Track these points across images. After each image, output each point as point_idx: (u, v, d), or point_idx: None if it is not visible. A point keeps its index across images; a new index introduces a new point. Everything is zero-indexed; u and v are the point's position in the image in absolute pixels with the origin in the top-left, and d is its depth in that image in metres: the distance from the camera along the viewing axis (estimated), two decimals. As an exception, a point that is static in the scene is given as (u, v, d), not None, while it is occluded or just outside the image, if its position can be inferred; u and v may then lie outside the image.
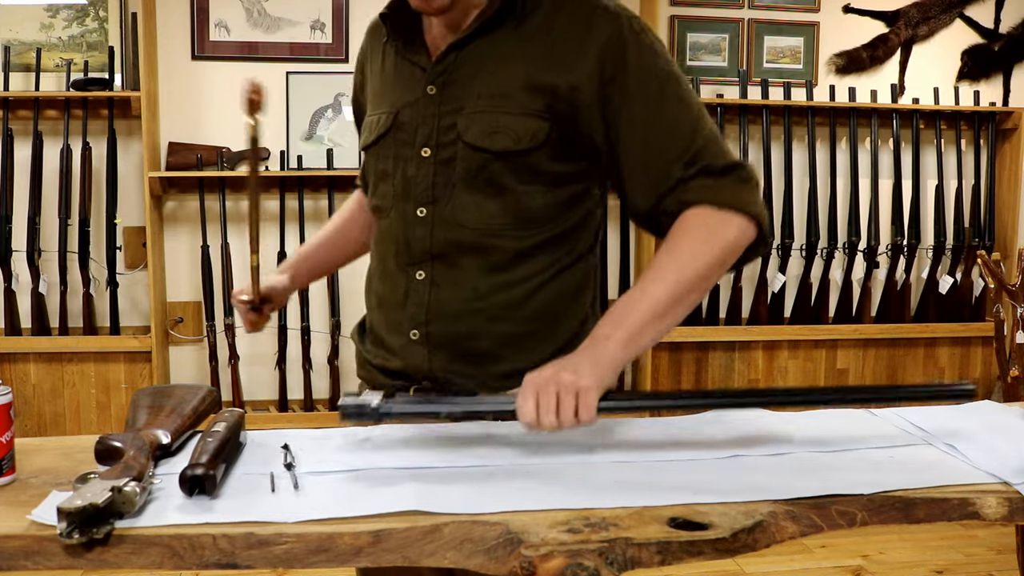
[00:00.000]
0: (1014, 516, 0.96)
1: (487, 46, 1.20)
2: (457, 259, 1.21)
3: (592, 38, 1.16)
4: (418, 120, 1.22)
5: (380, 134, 1.26)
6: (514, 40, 1.19)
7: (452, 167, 1.20)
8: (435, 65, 1.22)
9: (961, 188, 3.56)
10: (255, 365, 3.30)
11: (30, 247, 3.05)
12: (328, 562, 0.84)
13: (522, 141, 1.17)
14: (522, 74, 1.17)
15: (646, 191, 1.18)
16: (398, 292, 1.25)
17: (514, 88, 1.18)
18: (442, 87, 1.21)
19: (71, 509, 0.80)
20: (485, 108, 1.18)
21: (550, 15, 1.19)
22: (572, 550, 0.82)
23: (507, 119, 1.17)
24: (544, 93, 1.17)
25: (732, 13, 3.45)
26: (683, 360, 3.48)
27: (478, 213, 1.19)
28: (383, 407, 1.01)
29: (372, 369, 1.31)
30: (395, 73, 1.28)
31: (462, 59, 1.21)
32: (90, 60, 3.13)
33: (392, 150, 1.25)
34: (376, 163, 1.28)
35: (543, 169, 1.19)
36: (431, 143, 1.21)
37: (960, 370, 3.66)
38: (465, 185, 1.20)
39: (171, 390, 1.19)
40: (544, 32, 1.18)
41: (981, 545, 2.98)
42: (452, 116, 1.20)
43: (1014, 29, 3.63)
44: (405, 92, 1.24)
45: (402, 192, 1.24)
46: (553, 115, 1.17)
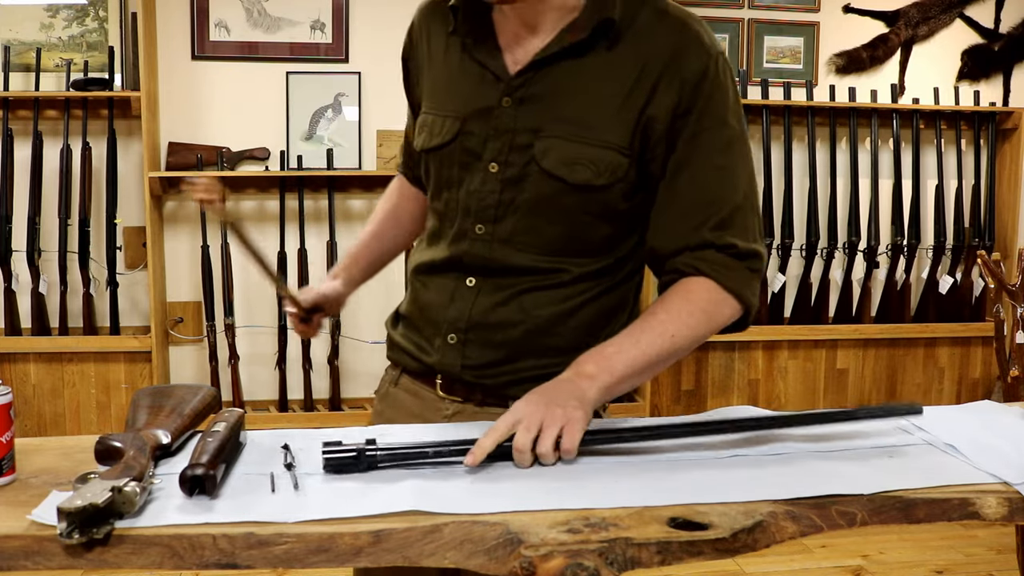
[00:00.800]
0: (1014, 516, 0.96)
1: (574, 67, 1.13)
2: (509, 277, 1.19)
3: (679, 68, 1.12)
4: (489, 132, 1.16)
5: (445, 141, 1.19)
6: (603, 64, 1.13)
7: (521, 188, 1.16)
8: (514, 78, 1.15)
9: (961, 188, 3.56)
10: (255, 365, 3.30)
11: (30, 247, 3.05)
12: (328, 562, 0.83)
13: (602, 176, 1.13)
14: (609, 103, 1.12)
15: (673, 237, 1.16)
16: (444, 293, 1.23)
17: (600, 118, 1.12)
18: (519, 102, 1.14)
19: (71, 509, 0.80)
20: (567, 135, 1.13)
21: (640, 39, 1.13)
22: (572, 550, 0.82)
23: (590, 151, 1.12)
24: (629, 126, 1.12)
25: (732, 13, 3.45)
26: (683, 360, 3.48)
27: (538, 238, 1.17)
28: (370, 458, 0.99)
29: (402, 354, 1.31)
30: (462, 72, 1.20)
31: (544, 75, 1.14)
32: (90, 60, 3.13)
33: (457, 158, 1.19)
34: (439, 168, 1.22)
35: (613, 206, 1.16)
36: (500, 159, 1.15)
37: (960, 370, 3.66)
38: (530, 209, 1.16)
39: (171, 390, 1.18)
40: (634, 57, 1.12)
41: (981, 545, 2.98)
42: (528, 136, 1.14)
43: (1014, 29, 3.63)
44: (475, 98, 1.17)
45: (464, 206, 1.19)
46: (633, 151, 1.13)
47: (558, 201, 1.15)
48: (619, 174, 1.13)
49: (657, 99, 1.12)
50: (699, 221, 1.15)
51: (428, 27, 1.26)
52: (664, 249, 1.17)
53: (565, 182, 1.13)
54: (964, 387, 3.68)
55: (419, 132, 1.25)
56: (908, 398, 3.63)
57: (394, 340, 1.34)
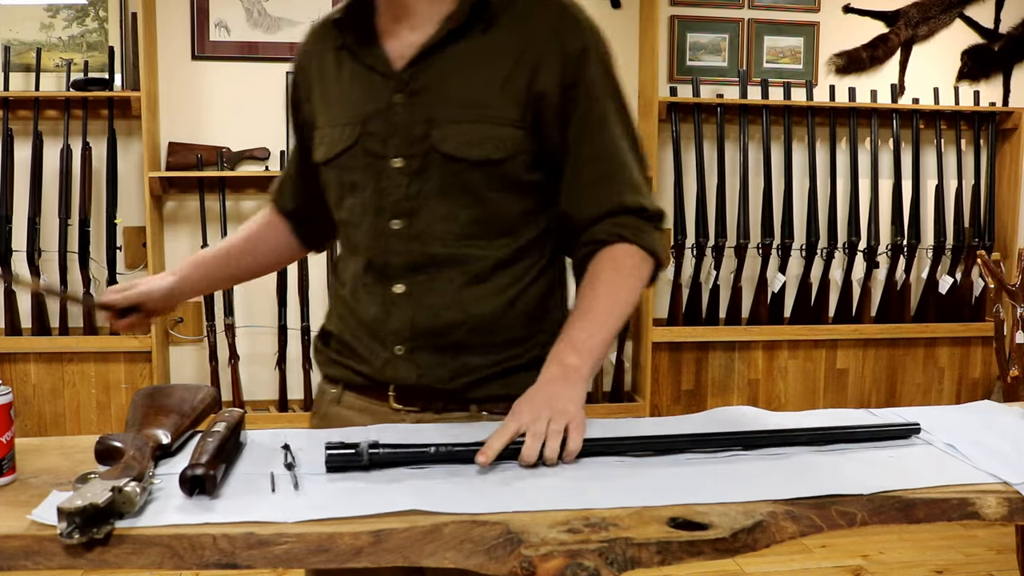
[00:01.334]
0: (1014, 516, 0.96)
1: (455, 53, 1.18)
2: (436, 271, 1.20)
3: (561, 45, 1.17)
4: (387, 130, 1.19)
5: (346, 146, 1.22)
6: (483, 46, 1.18)
7: (427, 178, 1.18)
8: (401, 73, 1.18)
9: (961, 188, 3.56)
10: (255, 365, 3.30)
11: (30, 247, 3.05)
12: (328, 562, 0.83)
13: (500, 150, 1.17)
14: (497, 81, 1.17)
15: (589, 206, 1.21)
16: (375, 307, 1.23)
17: (491, 96, 1.17)
18: (410, 95, 1.18)
19: (71, 509, 0.80)
20: (461, 118, 1.16)
21: (519, 20, 1.18)
22: (572, 550, 0.82)
23: (487, 128, 1.16)
24: (519, 101, 1.17)
25: (732, 13, 3.45)
26: (683, 360, 3.48)
27: (454, 223, 1.19)
28: (372, 456, 0.99)
29: (343, 370, 1.29)
30: (354, 81, 1.23)
31: (430, 66, 1.18)
32: (90, 60, 3.13)
33: (360, 161, 1.21)
34: (341, 176, 1.24)
35: (519, 178, 1.19)
36: (403, 153, 1.18)
37: (960, 370, 3.66)
38: (440, 195, 1.18)
39: (171, 390, 1.19)
40: (514, 37, 1.18)
41: (981, 545, 2.98)
42: (424, 126, 1.17)
43: (1014, 29, 3.63)
44: (369, 101, 1.20)
45: (374, 205, 1.21)
46: (527, 124, 1.18)
47: (464, 182, 1.17)
48: (517, 146, 1.17)
49: (542, 76, 1.17)
50: (610, 188, 1.21)
51: (316, 50, 1.30)
52: (582, 218, 1.22)
53: (467, 161, 1.16)
54: (964, 387, 3.68)
55: (318, 147, 1.27)
56: (908, 398, 3.63)
57: (329, 357, 1.32)
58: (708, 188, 3.35)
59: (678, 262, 3.37)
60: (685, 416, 1.25)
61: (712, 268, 3.38)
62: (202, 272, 1.39)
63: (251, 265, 1.43)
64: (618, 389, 3.40)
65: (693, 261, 3.37)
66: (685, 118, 3.38)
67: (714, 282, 3.39)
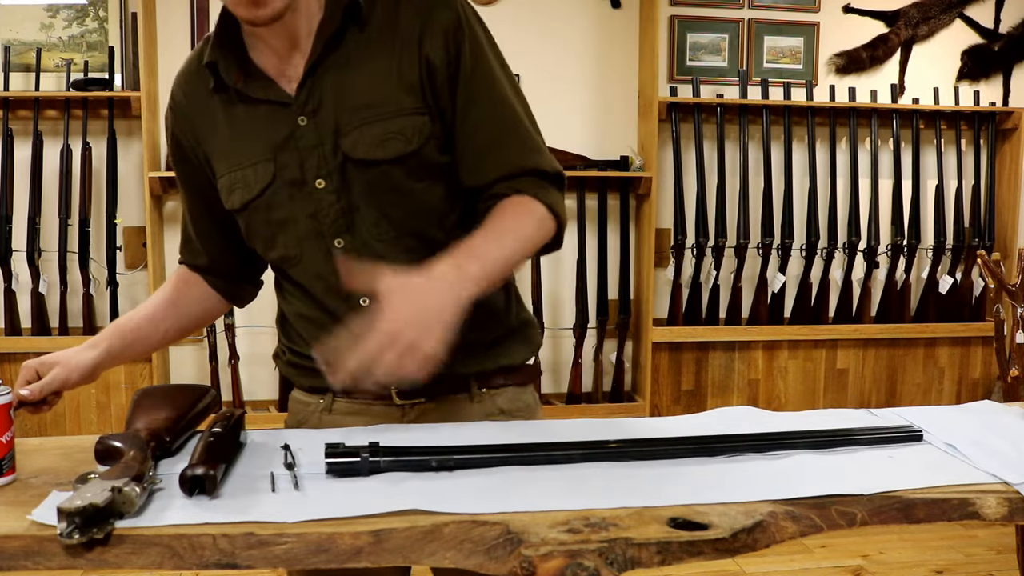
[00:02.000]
0: (1014, 516, 0.96)
1: (341, 59, 1.16)
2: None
3: (435, 22, 1.16)
4: (300, 155, 1.17)
5: (265, 184, 1.18)
6: (364, 44, 1.17)
7: (350, 189, 1.17)
8: (297, 96, 1.16)
9: (961, 188, 3.56)
10: (255, 365, 3.30)
11: (30, 247, 3.05)
12: (328, 562, 0.83)
13: (412, 141, 1.16)
14: (388, 74, 1.16)
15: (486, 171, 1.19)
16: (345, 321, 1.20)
17: (387, 90, 1.16)
18: (312, 114, 1.16)
19: (71, 509, 0.80)
20: (364, 120, 1.15)
21: (389, 11, 1.17)
22: (572, 550, 0.82)
23: (392, 123, 1.15)
24: (414, 87, 1.16)
25: (732, 13, 3.45)
26: (683, 360, 3.48)
27: (391, 226, 1.18)
28: (372, 464, 0.98)
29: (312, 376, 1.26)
30: (249, 118, 1.19)
31: (320, 79, 1.16)
32: (90, 60, 3.13)
33: (284, 194, 1.18)
34: (268, 215, 1.20)
35: (434, 162, 1.18)
36: (322, 173, 1.17)
37: (960, 370, 3.66)
38: (369, 202, 1.17)
39: (171, 390, 1.19)
40: (389, 28, 1.17)
41: (981, 545, 2.98)
42: (332, 139, 1.16)
43: (1014, 29, 3.63)
44: (272, 133, 1.18)
45: (310, 232, 1.19)
46: (428, 107, 1.17)
47: (386, 182, 1.16)
48: (426, 132, 1.16)
49: (426, 54, 1.16)
50: (507, 151, 1.19)
51: (191, 99, 1.25)
52: (482, 183, 1.20)
53: (383, 162, 1.15)
54: (964, 387, 3.68)
55: (228, 195, 1.22)
56: (908, 398, 3.63)
57: (307, 370, 1.27)
58: (708, 188, 3.34)
59: (678, 262, 3.37)
60: (685, 416, 1.25)
61: (712, 268, 3.38)
62: (127, 341, 1.30)
63: (173, 329, 1.35)
64: (618, 389, 3.40)
65: (693, 261, 3.37)
66: (685, 118, 3.38)
67: (714, 282, 3.39)
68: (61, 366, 1.21)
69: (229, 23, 1.18)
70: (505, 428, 1.17)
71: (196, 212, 1.33)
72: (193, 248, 1.36)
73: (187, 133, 1.26)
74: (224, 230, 1.30)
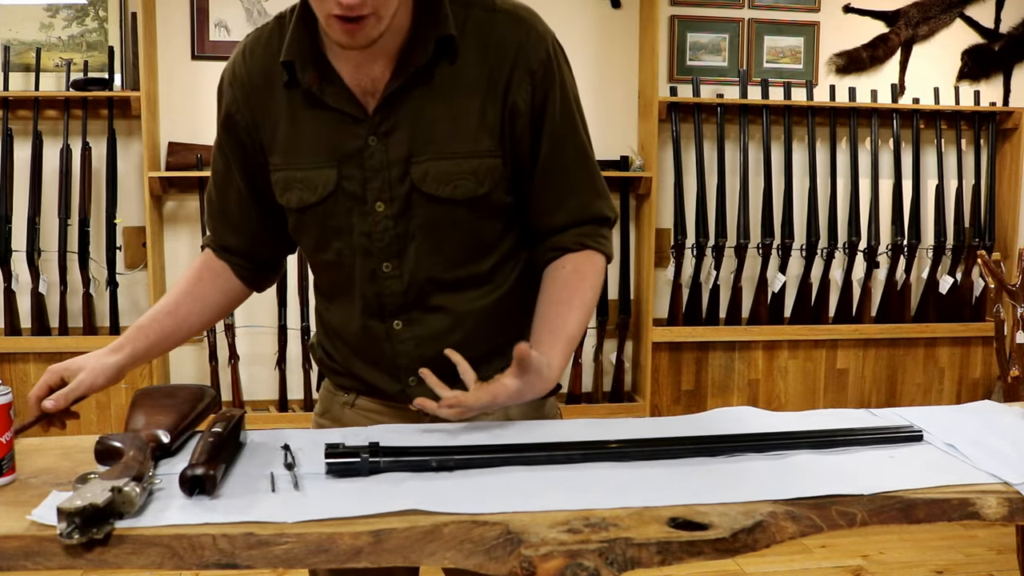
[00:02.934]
0: (1014, 516, 0.96)
1: (425, 88, 1.14)
2: (431, 301, 1.21)
3: (526, 60, 1.15)
4: (365, 174, 1.16)
5: (329, 192, 1.17)
6: (451, 79, 1.15)
7: (410, 217, 1.17)
8: (372, 116, 1.15)
9: (961, 188, 3.56)
10: (255, 365, 3.30)
11: (30, 247, 3.05)
12: (328, 562, 0.83)
13: (483, 184, 1.16)
14: (469, 113, 1.15)
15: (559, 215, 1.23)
16: (375, 340, 1.24)
17: (466, 129, 1.15)
18: (384, 136, 1.15)
19: (71, 509, 0.80)
20: (438, 155, 1.14)
21: (480, 42, 1.15)
22: (572, 550, 0.82)
23: (464, 163, 1.15)
24: (494, 130, 1.16)
25: (732, 13, 3.45)
26: (683, 360, 3.48)
27: (440, 256, 1.19)
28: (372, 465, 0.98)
29: (356, 381, 1.29)
30: (318, 121, 1.17)
31: (401, 105, 1.14)
32: (90, 60, 3.13)
33: (343, 205, 1.18)
34: (324, 220, 1.19)
35: (499, 203, 1.20)
36: (384, 197, 1.16)
37: (960, 370, 3.66)
38: (427, 234, 1.18)
39: (171, 390, 1.19)
40: (478, 65, 1.15)
41: (981, 545, 2.98)
42: (402, 166, 1.15)
43: (1014, 29, 3.63)
44: (341, 143, 1.16)
45: (363, 248, 1.19)
46: (503, 151, 1.17)
47: (450, 218, 1.17)
48: (496, 176, 1.17)
49: (512, 95, 1.15)
50: (578, 199, 1.23)
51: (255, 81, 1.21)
52: (551, 227, 1.23)
53: (451, 201, 1.16)
54: (964, 387, 3.68)
55: (285, 190, 1.20)
56: (908, 398, 3.63)
57: (335, 370, 1.32)
58: (708, 188, 3.34)
59: (678, 262, 3.37)
60: (685, 416, 1.25)
61: (712, 268, 3.38)
62: (151, 341, 1.26)
63: (196, 322, 1.31)
64: (618, 389, 3.40)
65: (693, 261, 3.37)
66: (685, 118, 3.38)
67: (714, 282, 3.39)
68: (87, 371, 1.18)
69: (308, 18, 1.14)
70: (505, 428, 1.17)
71: (238, 192, 1.28)
72: (224, 231, 1.31)
73: (245, 115, 1.22)
74: (265, 213, 1.28)
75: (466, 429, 1.15)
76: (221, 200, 1.30)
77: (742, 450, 1.07)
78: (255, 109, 1.21)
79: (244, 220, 1.30)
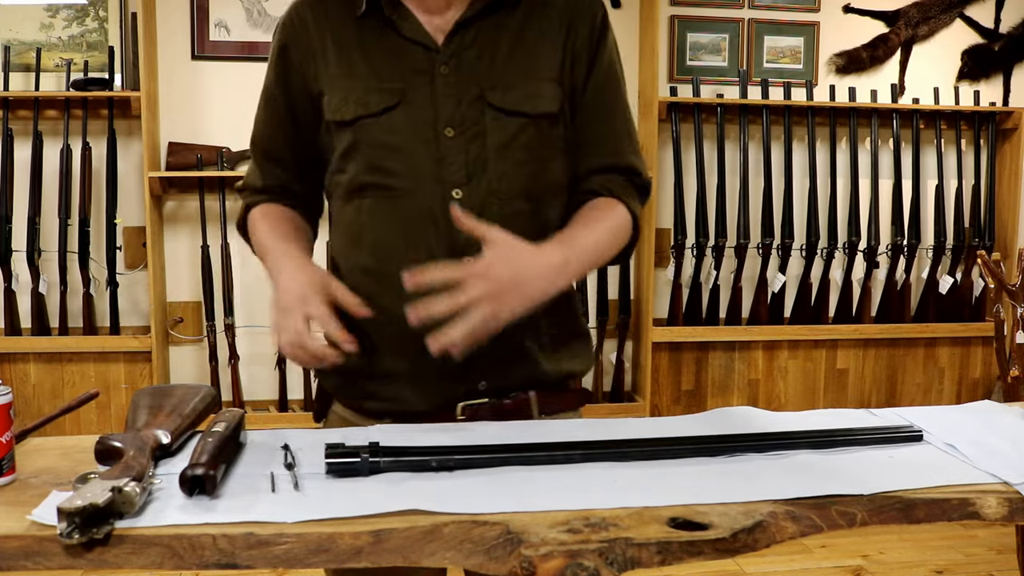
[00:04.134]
0: (1014, 516, 0.96)
1: (494, 22, 1.23)
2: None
3: (585, 13, 1.26)
4: (434, 101, 1.20)
5: (388, 105, 1.19)
6: (516, 15, 1.24)
7: (483, 142, 1.20)
8: (446, 45, 1.21)
9: (961, 188, 3.56)
10: (255, 365, 3.30)
11: (30, 247, 3.05)
12: (328, 562, 0.83)
13: (554, 104, 1.23)
14: (535, 44, 1.23)
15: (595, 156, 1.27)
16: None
17: (533, 57, 1.23)
18: (455, 67, 1.21)
19: (71, 509, 0.80)
20: (511, 79, 1.21)
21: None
22: (572, 550, 0.82)
23: (538, 85, 1.22)
24: (554, 65, 1.24)
25: (732, 13, 3.45)
26: (683, 360, 3.48)
27: (512, 182, 1.20)
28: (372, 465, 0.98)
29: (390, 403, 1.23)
30: (387, 50, 1.22)
31: (470, 35, 1.22)
32: (90, 60, 3.13)
33: (403, 124, 1.19)
34: (381, 136, 1.19)
35: (561, 135, 1.25)
36: (454, 122, 1.20)
37: (960, 370, 3.66)
38: (498, 157, 1.20)
39: (171, 390, 1.19)
40: (541, 6, 1.25)
41: (981, 545, 2.98)
42: (475, 89, 1.20)
43: (1014, 29, 3.63)
44: (408, 72, 1.21)
45: (430, 173, 1.18)
46: (564, 84, 1.25)
47: (522, 138, 1.21)
48: (562, 102, 1.24)
49: (573, 36, 1.25)
50: (615, 144, 1.29)
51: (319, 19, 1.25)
52: (588, 168, 1.28)
53: (528, 115, 1.21)
54: (964, 387, 3.68)
55: (343, 104, 1.21)
56: (908, 398, 3.63)
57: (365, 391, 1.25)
58: (708, 188, 3.34)
59: (678, 262, 3.37)
60: (685, 416, 1.25)
61: (712, 268, 3.38)
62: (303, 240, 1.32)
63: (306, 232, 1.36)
64: (618, 389, 3.40)
65: (693, 261, 3.37)
66: (685, 118, 3.38)
67: (714, 282, 3.39)
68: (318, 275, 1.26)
69: None
70: (505, 428, 1.17)
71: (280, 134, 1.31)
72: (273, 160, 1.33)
73: (303, 47, 1.25)
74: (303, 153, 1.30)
75: (466, 429, 1.15)
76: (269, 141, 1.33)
77: (742, 450, 1.07)
78: (316, 43, 1.25)
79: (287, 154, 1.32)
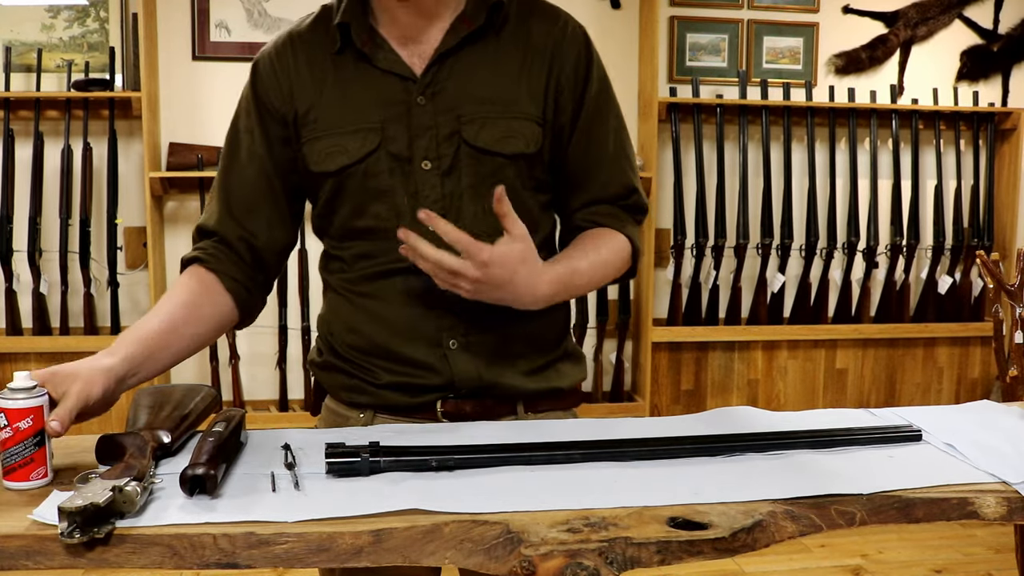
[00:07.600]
0: (1013, 516, 0.96)
1: (475, 54, 1.20)
2: None
3: (569, 41, 1.23)
4: (411, 133, 1.18)
5: (370, 151, 1.18)
6: (499, 45, 1.21)
7: (459, 177, 1.19)
8: (422, 76, 1.18)
9: (960, 188, 3.56)
10: (255, 365, 3.30)
11: (31, 247, 3.05)
12: (328, 562, 0.84)
13: (530, 145, 1.20)
14: (516, 78, 1.20)
15: (591, 188, 1.26)
16: (419, 308, 1.20)
17: (513, 92, 1.20)
18: (432, 97, 1.18)
19: (72, 509, 0.80)
20: (490, 114, 1.18)
21: (521, 25, 1.22)
22: (572, 550, 0.82)
23: (514, 124, 1.19)
24: (537, 98, 1.21)
25: (732, 13, 3.45)
26: (683, 360, 3.48)
27: (484, 221, 1.18)
28: (372, 464, 0.98)
29: (374, 392, 1.25)
30: (363, 85, 1.19)
31: (450, 65, 1.19)
32: (91, 60, 3.13)
33: (385, 166, 1.18)
34: (365, 182, 1.19)
35: (537, 175, 1.23)
36: (431, 155, 1.18)
37: (959, 370, 3.66)
38: (473, 194, 1.19)
39: (171, 390, 1.19)
40: (523, 40, 1.22)
41: (980, 544, 2.98)
42: (452, 124, 1.18)
43: (1013, 29, 3.63)
44: (386, 105, 1.18)
45: (410, 209, 1.17)
46: (546, 120, 1.22)
47: (495, 177, 1.18)
48: (540, 142, 1.22)
49: (556, 70, 1.22)
50: (612, 174, 1.27)
51: (298, 59, 1.22)
52: (583, 201, 1.27)
53: (502, 155, 1.19)
54: (963, 387, 3.68)
55: (325, 157, 1.19)
56: (907, 398, 3.64)
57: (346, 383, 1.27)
58: (708, 188, 3.35)
59: (678, 262, 3.37)
60: (685, 416, 1.25)
61: (712, 268, 3.38)
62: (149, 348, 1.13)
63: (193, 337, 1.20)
64: (618, 389, 3.40)
65: (693, 261, 3.37)
66: (685, 118, 3.38)
67: (714, 282, 3.39)
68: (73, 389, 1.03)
69: None
70: (505, 428, 1.18)
71: (257, 171, 1.24)
72: (242, 206, 1.25)
73: (278, 91, 1.22)
74: (280, 193, 1.25)
75: (466, 429, 1.16)
76: (238, 184, 1.25)
77: (742, 450, 1.07)
78: (295, 84, 1.22)
79: (259, 199, 1.25)
